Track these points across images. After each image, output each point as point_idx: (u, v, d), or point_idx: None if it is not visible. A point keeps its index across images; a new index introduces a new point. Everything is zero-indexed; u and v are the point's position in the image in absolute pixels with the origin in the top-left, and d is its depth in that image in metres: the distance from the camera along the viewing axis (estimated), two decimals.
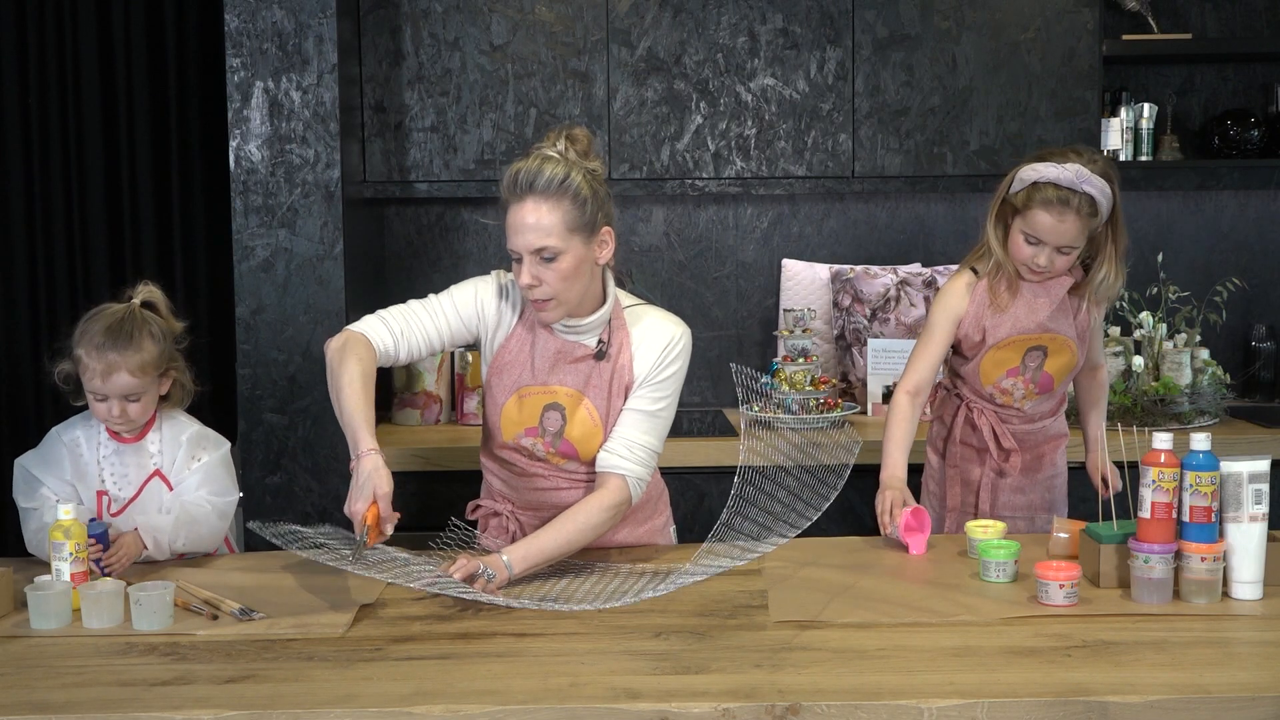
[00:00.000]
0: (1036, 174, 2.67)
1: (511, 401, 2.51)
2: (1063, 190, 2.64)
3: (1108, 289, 2.79)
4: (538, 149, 2.40)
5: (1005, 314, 2.79)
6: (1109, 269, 2.76)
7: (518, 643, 2.05)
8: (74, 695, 1.86)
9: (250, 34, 3.38)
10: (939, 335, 2.82)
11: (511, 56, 3.67)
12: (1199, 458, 2.20)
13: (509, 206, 2.38)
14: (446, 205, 4.01)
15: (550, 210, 2.34)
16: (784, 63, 3.69)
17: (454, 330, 2.54)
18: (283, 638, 2.09)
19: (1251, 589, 2.20)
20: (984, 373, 2.83)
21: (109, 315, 2.52)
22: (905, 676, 1.88)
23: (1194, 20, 4.00)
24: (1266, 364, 4.00)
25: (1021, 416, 2.86)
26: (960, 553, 2.52)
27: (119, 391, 2.47)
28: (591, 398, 2.49)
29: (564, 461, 2.53)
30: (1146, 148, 3.94)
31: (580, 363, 2.49)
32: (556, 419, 2.49)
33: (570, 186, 2.35)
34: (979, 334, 2.80)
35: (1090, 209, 2.65)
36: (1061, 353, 2.81)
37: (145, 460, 2.56)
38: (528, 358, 2.51)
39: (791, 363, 3.72)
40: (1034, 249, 2.71)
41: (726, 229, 4.05)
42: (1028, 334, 2.78)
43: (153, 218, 3.88)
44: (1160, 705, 1.79)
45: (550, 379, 2.49)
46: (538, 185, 2.34)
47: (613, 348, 2.49)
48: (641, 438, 2.48)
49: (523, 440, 2.53)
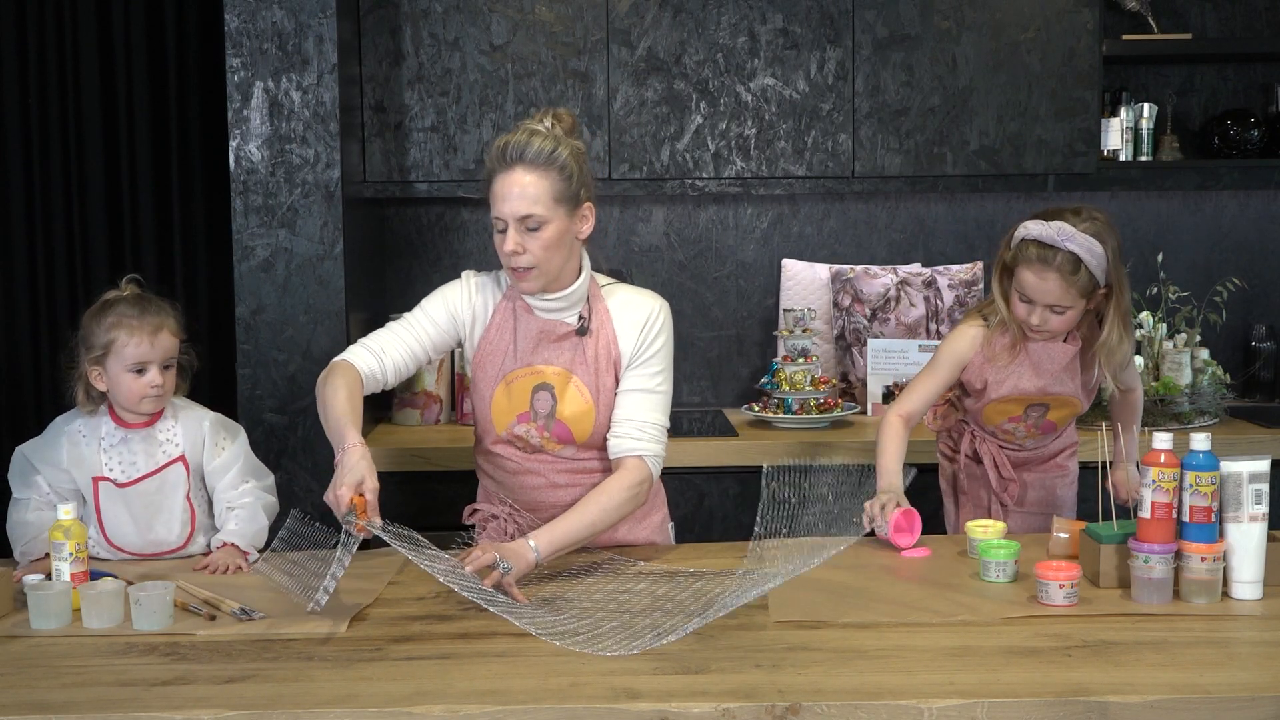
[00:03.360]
0: (1025, 231, 2.66)
1: (499, 391, 2.53)
2: (1044, 248, 2.61)
3: (1110, 351, 2.71)
4: (524, 124, 2.47)
5: (1008, 371, 2.76)
6: (1110, 330, 2.70)
7: (518, 643, 2.04)
8: (74, 695, 1.86)
9: (250, 34, 3.38)
10: (942, 374, 2.80)
11: (511, 56, 3.67)
12: (1199, 458, 2.20)
13: (495, 175, 2.44)
14: (446, 205, 4.01)
15: (537, 180, 2.41)
16: (784, 63, 3.69)
17: (434, 339, 2.57)
18: (283, 638, 2.09)
19: (1251, 589, 2.20)
20: (987, 417, 2.84)
21: (117, 295, 2.59)
22: (905, 676, 1.88)
23: (1194, 20, 4.00)
24: (1266, 364, 4.00)
25: (1023, 450, 2.89)
26: (960, 553, 2.52)
27: (164, 353, 2.54)
28: (580, 375, 2.51)
29: (560, 447, 2.54)
30: (1146, 148, 3.94)
31: (563, 341, 2.52)
32: (547, 399, 2.51)
33: (558, 159, 2.43)
34: (981, 384, 2.79)
35: (1072, 267, 2.60)
36: (1065, 407, 2.82)
37: (154, 448, 2.58)
38: (509, 342, 2.54)
39: (791, 363, 3.72)
40: (1027, 307, 2.69)
41: (726, 229, 4.05)
42: (1027, 395, 2.77)
43: (153, 218, 3.88)
44: (1160, 705, 1.79)
45: (535, 359, 2.52)
46: (527, 155, 2.42)
47: (594, 323, 2.53)
48: (649, 415, 2.51)
49: (516, 429, 2.54)
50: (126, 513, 2.55)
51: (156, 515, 2.56)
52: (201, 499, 2.62)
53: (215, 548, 2.55)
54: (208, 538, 2.60)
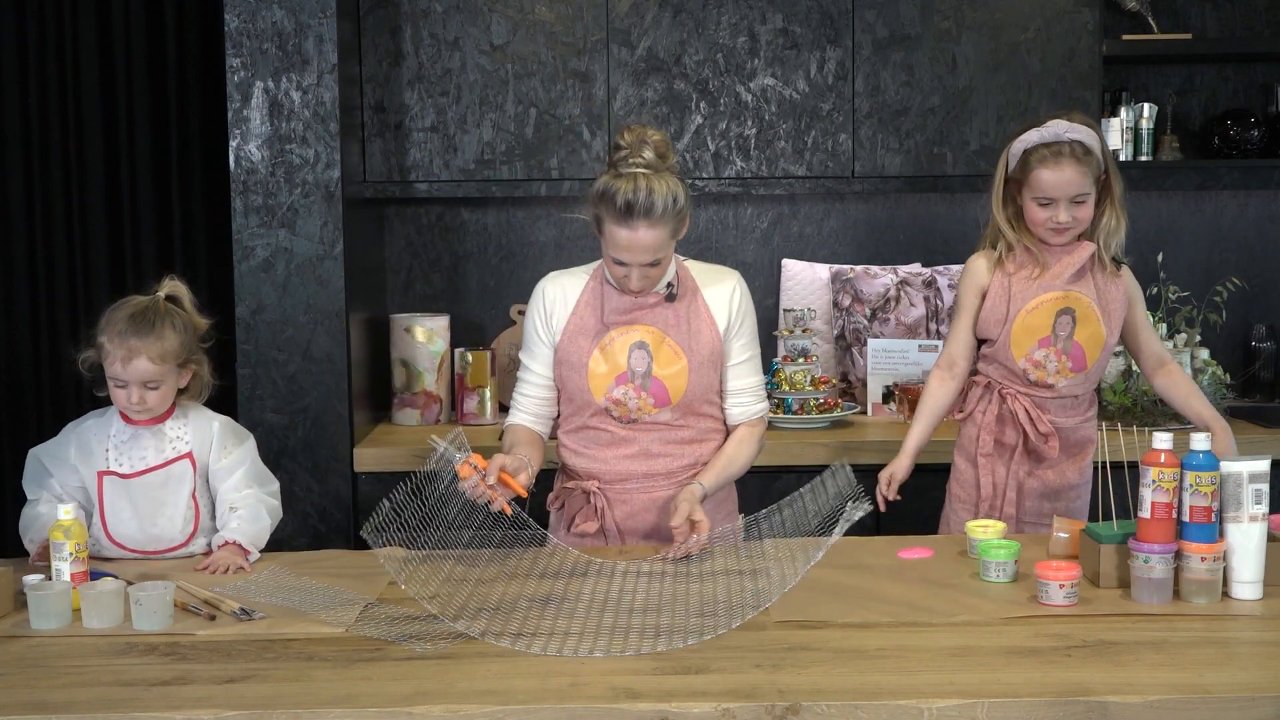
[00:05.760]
0: (1024, 144, 2.83)
1: (595, 358, 2.64)
2: (1051, 145, 2.79)
3: (1110, 232, 2.86)
4: (629, 165, 2.52)
5: (1031, 281, 2.85)
6: (1110, 214, 2.85)
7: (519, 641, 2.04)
8: (74, 695, 1.86)
9: (250, 34, 3.38)
10: (968, 308, 2.92)
11: (511, 56, 3.67)
12: (1199, 458, 2.20)
13: (615, 225, 2.52)
14: (446, 205, 4.01)
15: (662, 230, 2.53)
16: (784, 63, 3.69)
17: (550, 351, 2.72)
18: (283, 638, 2.09)
19: (1251, 589, 2.20)
20: (1015, 343, 2.85)
21: (134, 304, 2.58)
22: (905, 676, 1.88)
23: (1194, 20, 4.00)
24: (1266, 364, 4.00)
25: (1058, 402, 2.86)
26: (960, 553, 2.52)
27: (138, 377, 2.52)
28: (673, 336, 2.64)
29: (657, 411, 2.65)
30: (1146, 148, 3.94)
31: (654, 308, 2.66)
32: (643, 357, 2.63)
33: (679, 206, 2.54)
34: (1004, 303, 2.85)
35: (1083, 150, 2.78)
36: (1088, 320, 2.83)
37: (164, 444, 2.59)
38: (598, 314, 2.66)
39: (791, 363, 3.72)
40: (1049, 210, 2.80)
41: (726, 229, 4.05)
42: (1053, 293, 2.83)
43: (153, 218, 3.88)
44: (1160, 705, 1.79)
45: (628, 319, 2.64)
46: (654, 213, 2.50)
47: (681, 289, 2.68)
48: (755, 378, 2.75)
49: (614, 392, 2.64)
50: (130, 506, 2.55)
51: (160, 509, 2.57)
52: (206, 500, 2.62)
53: (216, 546, 2.55)
54: (209, 539, 2.61)
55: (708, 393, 2.69)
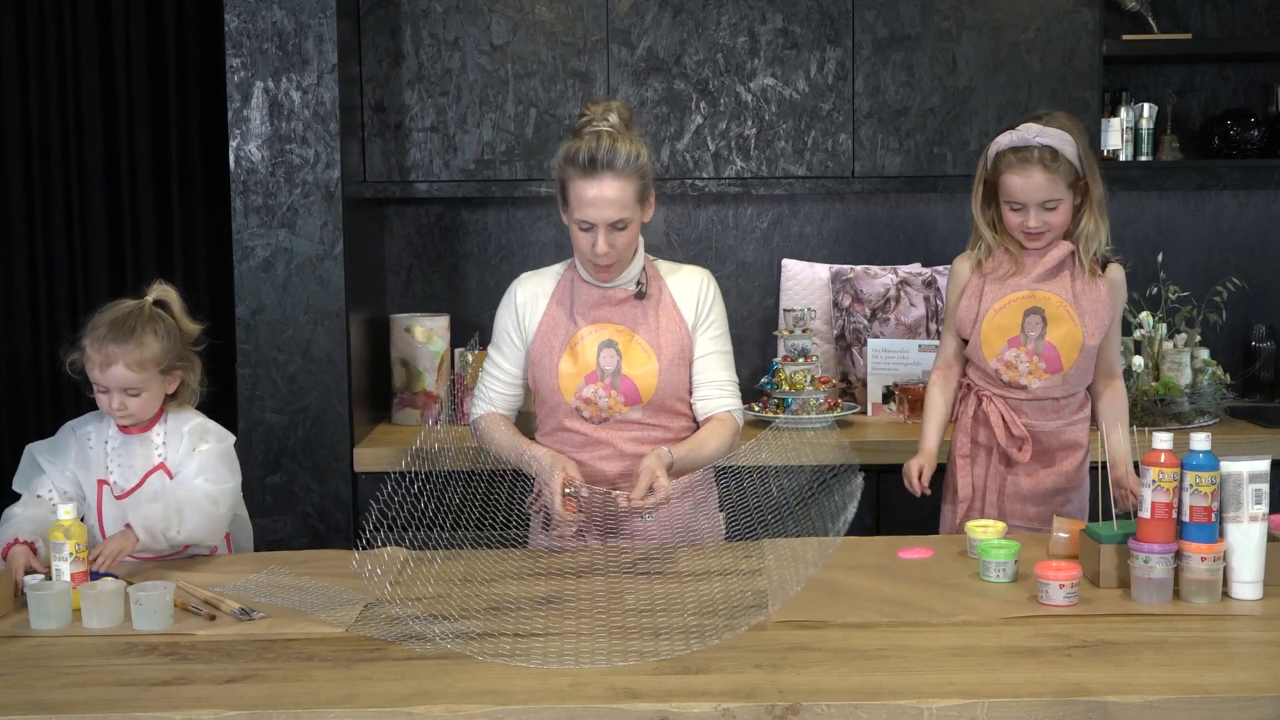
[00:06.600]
0: (996, 146, 2.83)
1: (565, 357, 2.66)
2: (1020, 150, 2.76)
3: (1089, 237, 2.83)
4: (593, 127, 2.58)
5: (1002, 282, 2.86)
6: (1089, 218, 2.82)
7: (518, 643, 2.04)
8: (74, 695, 1.86)
9: (250, 34, 3.38)
10: (953, 309, 2.93)
11: (511, 56, 3.67)
12: (1199, 458, 2.20)
13: (581, 180, 2.56)
14: (446, 205, 4.01)
15: (626, 185, 2.56)
16: (784, 63, 3.69)
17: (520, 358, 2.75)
18: (283, 638, 2.10)
19: (1251, 589, 2.20)
20: (985, 343, 2.84)
21: (117, 309, 2.57)
22: (905, 676, 1.88)
23: (1194, 20, 4.00)
24: (1266, 364, 4.00)
25: (1035, 404, 2.83)
26: (960, 553, 2.52)
27: (116, 384, 2.51)
28: (642, 333, 2.65)
29: (628, 409, 2.65)
30: (1146, 148, 3.94)
31: (623, 304, 2.68)
32: (612, 355, 2.64)
33: (641, 163, 2.58)
34: (976, 302, 2.86)
35: (1050, 157, 2.74)
36: (1061, 320, 2.80)
37: (150, 452, 2.59)
38: (568, 312, 2.68)
39: (791, 363, 3.72)
40: (1020, 214, 2.80)
41: (726, 229, 4.05)
42: (1020, 292, 2.82)
43: (153, 218, 3.88)
44: (1160, 705, 1.79)
45: (597, 316, 2.66)
46: (617, 163, 2.54)
47: (650, 287, 2.70)
48: (723, 374, 2.73)
49: (584, 392, 2.65)
50: (124, 518, 2.54)
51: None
52: None
53: None
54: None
55: (679, 390, 2.70)
